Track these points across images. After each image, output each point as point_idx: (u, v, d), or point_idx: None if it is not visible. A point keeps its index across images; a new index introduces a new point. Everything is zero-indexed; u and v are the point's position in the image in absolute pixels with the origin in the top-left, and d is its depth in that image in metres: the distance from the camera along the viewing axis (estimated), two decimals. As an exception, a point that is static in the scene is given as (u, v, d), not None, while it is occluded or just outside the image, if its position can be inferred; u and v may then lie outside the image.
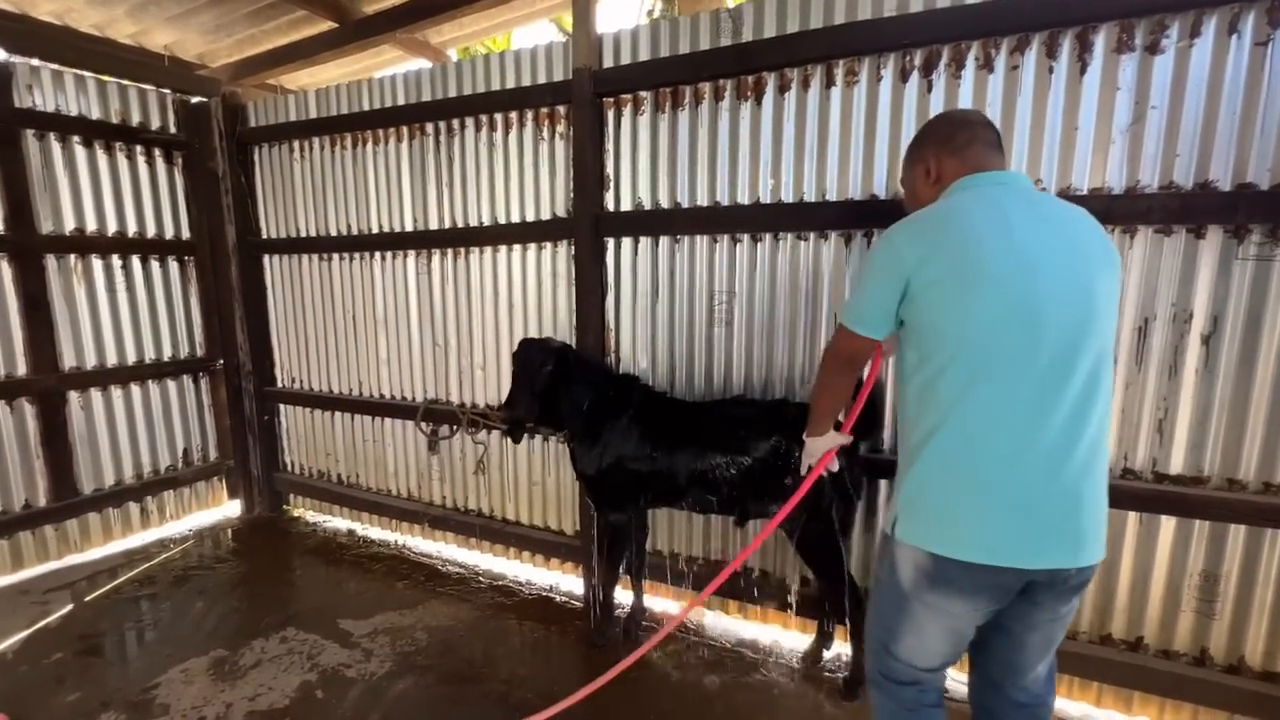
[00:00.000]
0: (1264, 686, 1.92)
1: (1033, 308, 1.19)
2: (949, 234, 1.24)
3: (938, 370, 1.25)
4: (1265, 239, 1.78)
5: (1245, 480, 1.89)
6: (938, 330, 1.25)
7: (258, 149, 3.61)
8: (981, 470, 1.22)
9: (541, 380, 2.36)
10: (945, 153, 1.40)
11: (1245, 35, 1.74)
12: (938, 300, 1.24)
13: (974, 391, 1.21)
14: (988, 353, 1.20)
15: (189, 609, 2.80)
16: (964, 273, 1.21)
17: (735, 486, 2.20)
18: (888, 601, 1.39)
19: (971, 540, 1.22)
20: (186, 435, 3.72)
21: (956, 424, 1.23)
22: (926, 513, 1.29)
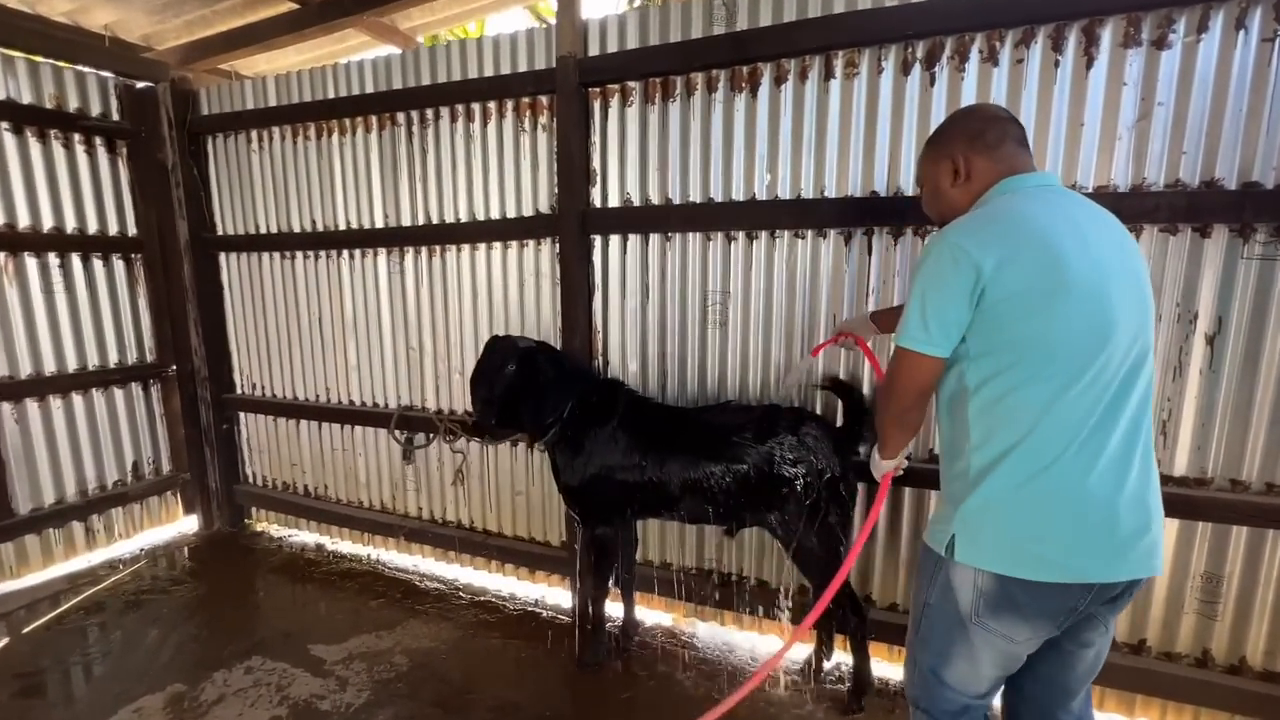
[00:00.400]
0: (1265, 687, 1.92)
1: (1109, 319, 1.14)
2: (1027, 238, 1.15)
3: (1015, 385, 1.16)
4: (1270, 238, 1.76)
5: (1248, 481, 1.88)
6: (1016, 342, 1.15)
7: (211, 139, 3.36)
8: (1056, 487, 1.15)
9: (501, 382, 2.24)
10: (975, 151, 1.31)
11: (1253, 31, 1.71)
12: (1020, 311, 1.13)
13: (1057, 406, 1.14)
14: (1072, 366, 1.14)
15: (142, 639, 2.57)
16: (1048, 281, 1.12)
17: (730, 496, 2.11)
18: (940, 627, 1.29)
19: (1043, 559, 1.15)
20: (136, 447, 3.45)
21: (1038, 441, 1.15)
22: (992, 533, 1.20)
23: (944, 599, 1.27)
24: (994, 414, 1.20)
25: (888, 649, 2.35)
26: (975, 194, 1.31)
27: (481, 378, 2.31)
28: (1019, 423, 1.16)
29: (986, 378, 1.20)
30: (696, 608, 2.64)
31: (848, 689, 2.18)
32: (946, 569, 1.26)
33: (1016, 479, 1.17)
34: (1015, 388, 1.16)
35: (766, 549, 2.47)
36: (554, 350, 2.40)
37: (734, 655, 2.46)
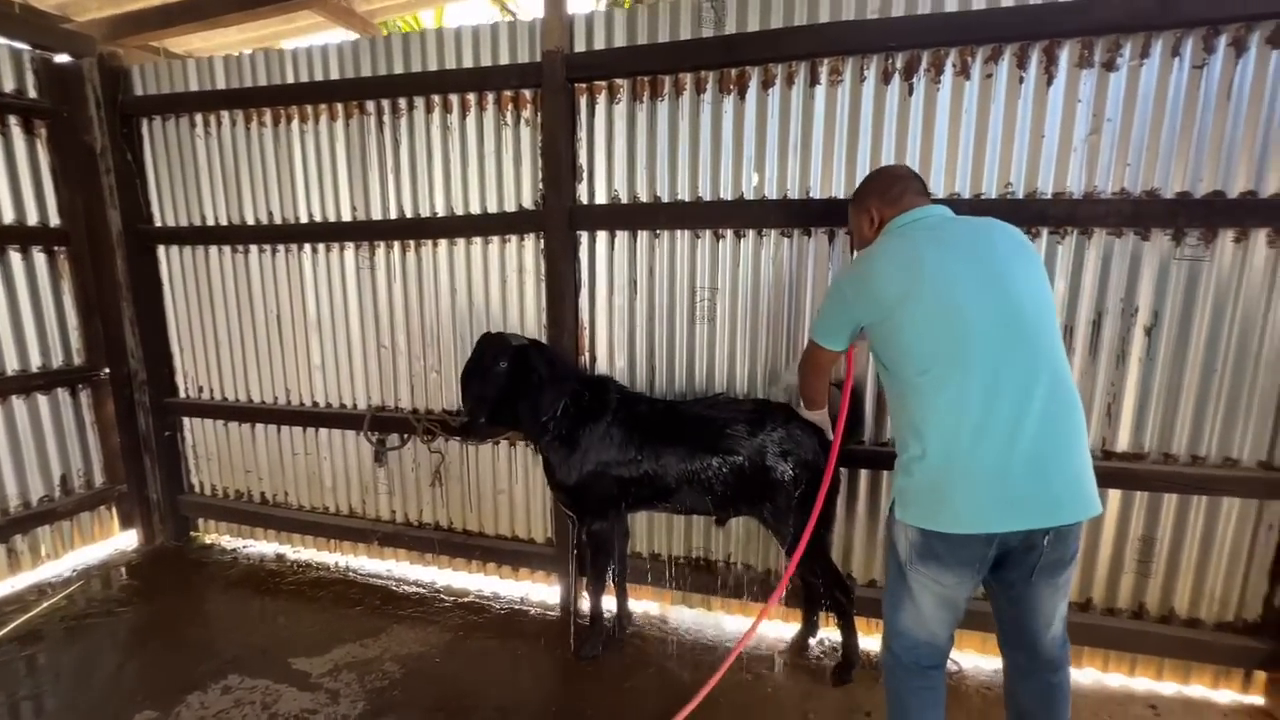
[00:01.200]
0: (1189, 632, 2.20)
1: (958, 313, 1.41)
2: (878, 282, 1.52)
3: (906, 380, 1.49)
4: (1198, 241, 2.01)
5: (1177, 454, 2.14)
6: (894, 350, 1.51)
7: (147, 121, 3.09)
8: (954, 455, 1.40)
9: (494, 381, 2.24)
10: (884, 204, 1.68)
11: (1185, 58, 1.94)
12: (893, 330, 1.50)
13: (930, 391, 1.43)
14: (934, 358, 1.43)
15: (95, 666, 2.37)
16: (907, 307, 1.45)
17: (725, 486, 2.19)
18: (893, 577, 1.58)
19: (952, 515, 1.40)
20: (65, 459, 3.15)
21: (929, 420, 1.44)
22: (917, 495, 1.46)
23: (892, 552, 1.57)
24: (903, 401, 1.52)
25: (867, 623, 2.51)
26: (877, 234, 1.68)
27: (474, 376, 2.28)
28: (911, 407, 1.48)
29: (893, 378, 1.55)
30: (685, 595, 2.72)
31: (837, 662, 2.32)
32: (893, 527, 1.55)
33: (924, 452, 1.44)
34: (906, 384, 1.49)
35: (752, 536, 2.58)
36: (545, 347, 2.40)
37: (727, 639, 2.55)
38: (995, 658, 2.35)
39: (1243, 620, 2.18)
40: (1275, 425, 2.05)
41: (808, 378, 1.95)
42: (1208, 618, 2.20)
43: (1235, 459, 2.10)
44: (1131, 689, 2.26)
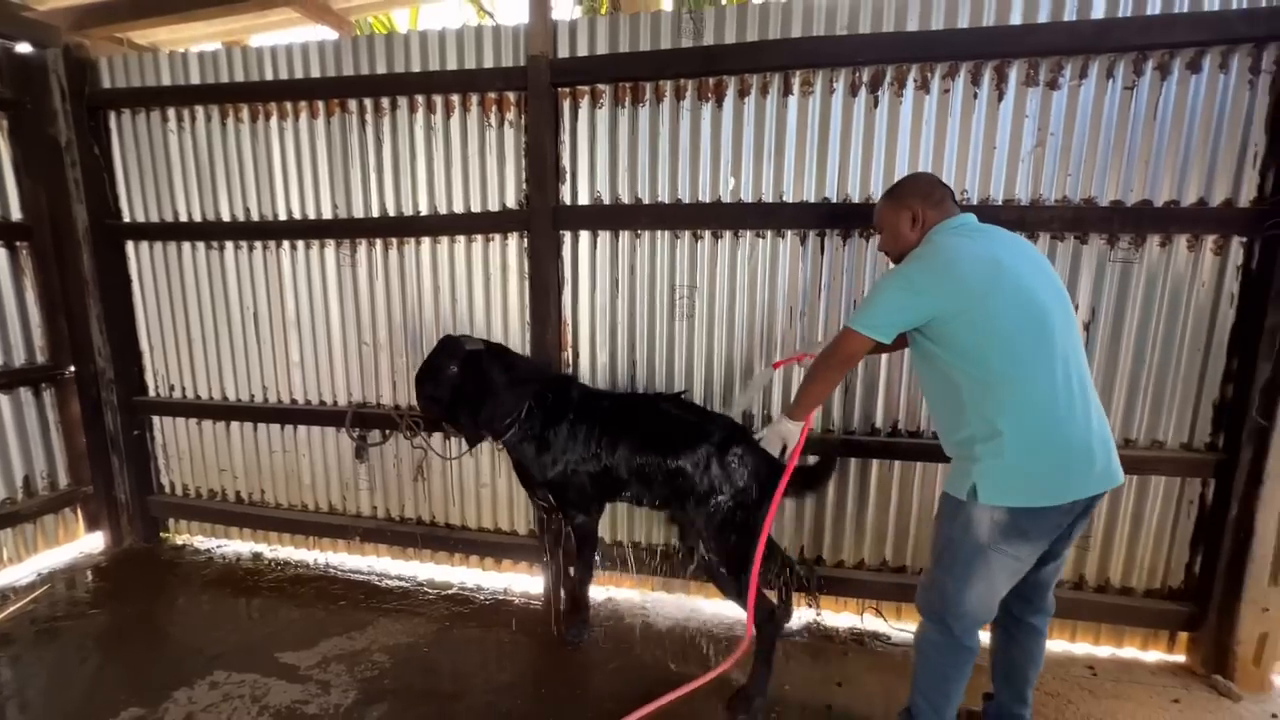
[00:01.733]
0: (1122, 599, 2.43)
1: (1042, 310, 1.56)
2: (956, 275, 1.58)
3: (993, 370, 1.55)
4: (1129, 246, 2.22)
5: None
6: (980, 340, 1.56)
7: (116, 115, 3.03)
8: (1047, 435, 1.54)
9: (445, 382, 2.29)
10: (928, 205, 1.74)
11: (1118, 80, 2.15)
12: (969, 322, 1.56)
13: (1022, 380, 1.54)
14: (1027, 350, 1.54)
15: (72, 667, 2.35)
16: (979, 300, 1.55)
17: (665, 484, 2.20)
18: (964, 560, 1.63)
19: (1040, 490, 1.54)
20: (27, 460, 3.06)
21: (1022, 405, 1.54)
22: (1007, 476, 1.56)
23: (964, 533, 1.61)
24: (984, 391, 1.58)
25: (835, 601, 2.68)
26: (922, 234, 1.74)
27: (426, 376, 2.34)
28: (1000, 396, 1.55)
29: (963, 369, 1.60)
30: (666, 581, 2.83)
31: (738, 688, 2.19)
32: (968, 509, 1.60)
33: (1016, 439, 1.54)
34: (987, 372, 1.56)
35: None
36: (506, 351, 2.44)
37: (700, 620, 2.67)
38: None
39: (1168, 587, 2.42)
40: (1195, 411, 2.29)
41: (830, 373, 1.79)
42: (1138, 586, 2.43)
43: (1161, 441, 2.33)
44: (1072, 653, 2.48)
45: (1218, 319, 2.22)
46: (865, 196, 2.37)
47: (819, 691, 2.23)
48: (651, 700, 2.07)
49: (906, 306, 1.62)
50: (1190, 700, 2.20)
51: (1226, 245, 2.17)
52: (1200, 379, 2.27)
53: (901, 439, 2.49)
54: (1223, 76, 2.09)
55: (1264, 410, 2.13)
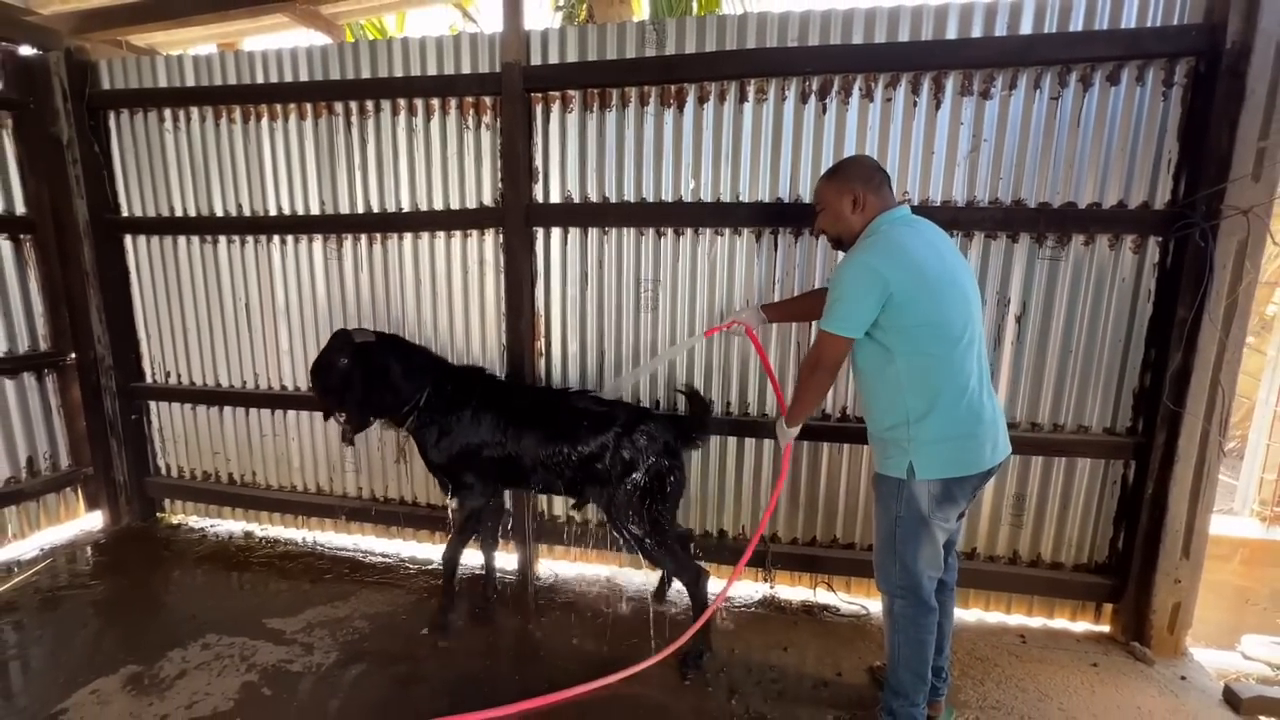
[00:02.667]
0: (1053, 573, 2.61)
1: (968, 301, 1.76)
2: (908, 261, 1.70)
3: (925, 354, 1.73)
4: (1055, 244, 2.40)
5: (1042, 423, 2.54)
6: (919, 326, 1.71)
7: (115, 115, 3.19)
8: (970, 410, 1.75)
9: (337, 374, 2.35)
10: (869, 190, 1.84)
11: (1045, 91, 2.33)
12: (912, 306, 1.70)
13: (953, 363, 1.73)
14: (954, 336, 1.73)
15: (74, 631, 2.52)
16: (928, 287, 1.71)
17: (576, 471, 2.34)
18: (908, 532, 1.80)
19: (971, 459, 1.75)
20: (30, 441, 3.23)
21: (949, 387, 1.73)
22: (938, 451, 1.75)
23: (909, 509, 1.79)
24: (916, 375, 1.74)
25: (791, 576, 2.86)
26: (866, 220, 1.84)
27: (319, 370, 2.40)
28: (935, 378, 1.73)
29: (905, 352, 1.74)
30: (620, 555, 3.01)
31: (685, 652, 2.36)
32: (910, 487, 1.77)
33: (944, 416, 1.73)
34: (926, 355, 1.73)
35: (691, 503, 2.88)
36: (402, 343, 2.54)
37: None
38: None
39: (1095, 562, 2.60)
40: (1116, 397, 2.47)
41: (819, 379, 1.88)
42: (1067, 561, 2.62)
43: (1087, 426, 2.51)
44: (1006, 623, 2.66)
45: (1137, 312, 2.40)
46: (815, 197, 2.55)
47: (765, 655, 2.41)
48: (615, 669, 2.23)
49: (872, 293, 1.69)
50: (1107, 664, 2.39)
51: (1144, 244, 2.35)
52: (1122, 368, 2.45)
53: (850, 423, 2.67)
54: (1139, 89, 2.27)
55: (1175, 397, 2.31)
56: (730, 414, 2.77)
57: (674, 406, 2.80)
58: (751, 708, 2.12)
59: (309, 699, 2.14)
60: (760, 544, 2.78)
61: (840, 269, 1.77)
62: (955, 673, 2.31)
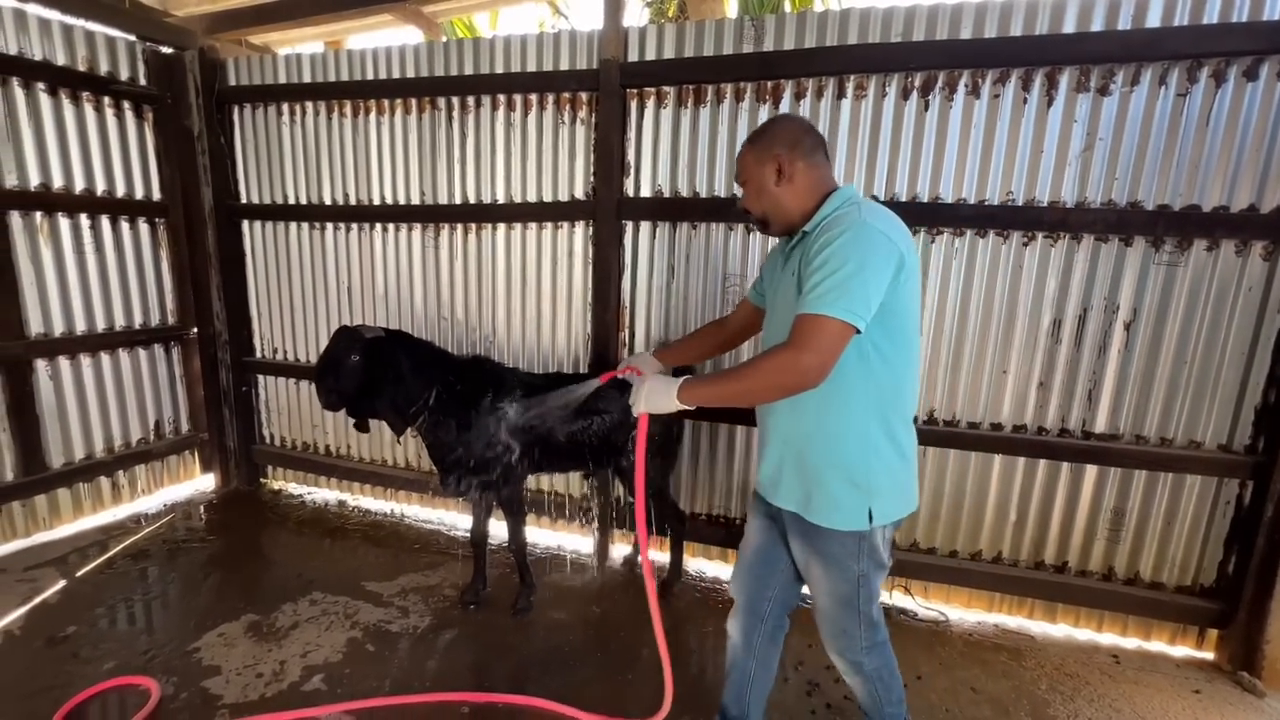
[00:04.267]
0: (1152, 593, 2.50)
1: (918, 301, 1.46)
2: (902, 232, 1.38)
3: (903, 354, 1.40)
4: (1174, 249, 2.28)
5: (1148, 436, 2.43)
6: (907, 316, 1.38)
7: (239, 108, 3.46)
8: (909, 440, 1.48)
9: (350, 373, 2.21)
10: (795, 155, 1.43)
11: (1171, 87, 2.21)
12: (911, 290, 1.37)
13: (911, 384, 1.46)
14: (914, 339, 1.43)
15: (198, 580, 2.78)
16: (914, 267, 1.38)
17: (592, 447, 2.53)
18: (873, 586, 1.48)
19: (911, 494, 1.51)
20: (158, 406, 3.56)
21: (912, 403, 1.48)
22: (893, 493, 1.44)
23: (873, 561, 1.46)
24: (896, 385, 1.41)
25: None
26: (800, 195, 1.45)
27: (327, 369, 2.24)
28: (909, 389, 1.45)
29: (892, 348, 1.38)
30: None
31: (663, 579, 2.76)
32: (870, 539, 1.43)
33: (908, 438, 1.46)
34: (904, 356, 1.41)
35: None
36: (408, 338, 2.45)
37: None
38: (977, 611, 2.69)
39: (1200, 585, 2.47)
40: (1235, 413, 2.33)
41: (796, 383, 1.31)
42: (1169, 581, 2.49)
43: (1199, 442, 2.38)
44: (1098, 642, 2.56)
45: (1264, 324, 2.26)
46: (912, 195, 2.51)
47: (843, 653, 2.41)
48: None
49: (888, 267, 1.30)
50: (1211, 692, 2.27)
51: (1276, 251, 2.20)
52: (1243, 382, 2.31)
53: (937, 427, 2.62)
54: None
55: (1304, 415, 2.17)
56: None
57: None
58: (831, 704, 2.14)
59: (408, 659, 2.29)
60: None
61: (842, 239, 1.29)
62: (1042, 687, 2.25)
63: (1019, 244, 2.42)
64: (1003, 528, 2.64)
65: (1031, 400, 2.52)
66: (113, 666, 2.19)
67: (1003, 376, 2.53)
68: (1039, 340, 2.47)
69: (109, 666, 2.19)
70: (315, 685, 2.13)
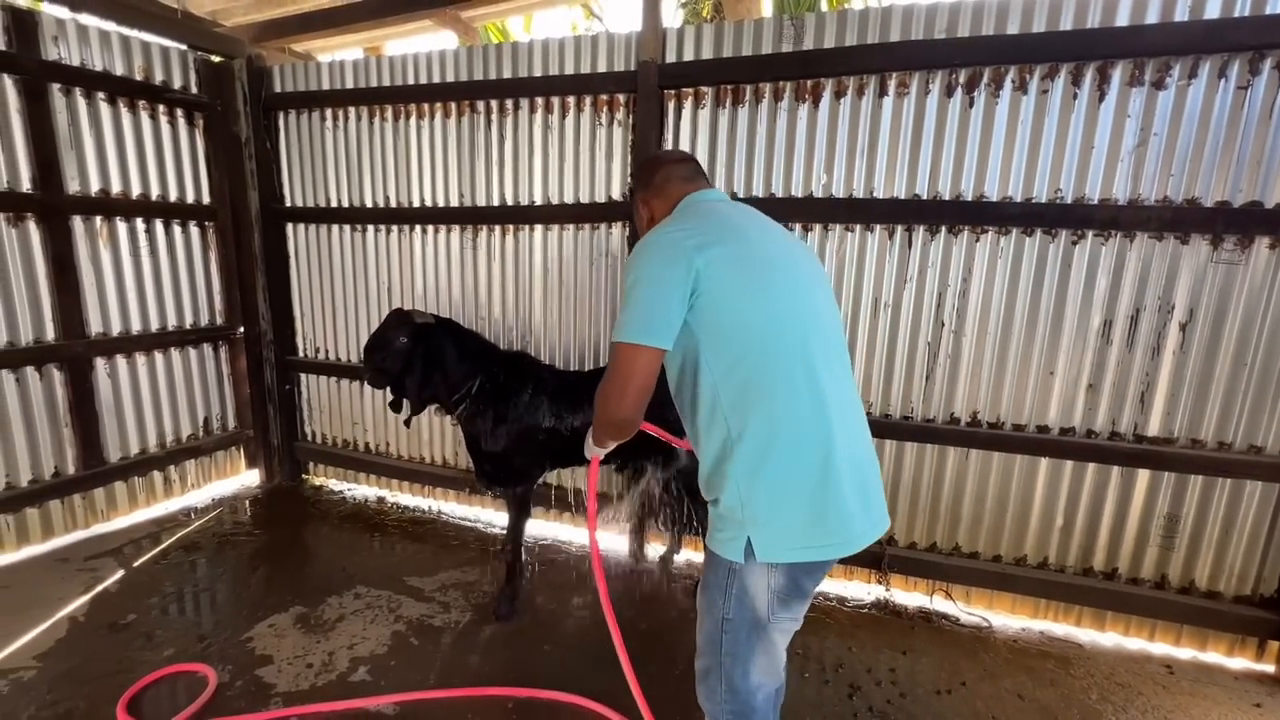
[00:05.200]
0: (1207, 603, 2.42)
1: (810, 296, 1.25)
2: (714, 223, 1.24)
3: (751, 370, 1.17)
4: (1234, 247, 2.21)
5: (1205, 440, 2.35)
6: (739, 325, 1.18)
7: (283, 115, 3.55)
8: (813, 464, 1.17)
9: (395, 354, 2.29)
10: (650, 195, 1.43)
11: (1231, 79, 2.14)
12: (733, 296, 1.18)
13: (786, 386, 1.17)
14: (789, 346, 1.19)
15: (247, 571, 2.87)
16: (748, 259, 1.20)
17: None
18: (742, 635, 1.25)
19: (827, 537, 1.18)
20: (207, 404, 3.68)
21: (783, 423, 1.17)
22: (784, 525, 1.18)
23: (740, 607, 1.23)
24: (740, 401, 1.18)
25: (905, 581, 2.80)
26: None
27: (376, 347, 2.35)
28: (759, 408, 1.17)
29: (728, 368, 1.18)
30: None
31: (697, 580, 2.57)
32: (740, 575, 1.21)
33: (782, 465, 1.16)
34: (752, 372, 1.17)
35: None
36: (457, 328, 2.53)
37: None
38: (1021, 617, 2.64)
39: (1260, 595, 2.38)
40: (1299, 417, 2.24)
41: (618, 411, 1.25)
42: (1226, 590, 2.41)
43: (1260, 446, 2.30)
44: (1149, 652, 2.49)
45: (1331, 324, 2.17)
46: (955, 194, 2.47)
47: (883, 657, 2.38)
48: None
49: (675, 273, 1.19)
50: (1274, 707, 2.19)
51: (1344, 249, 2.12)
52: (1308, 385, 2.22)
53: (980, 429, 2.58)
54: (1350, 75, 2.04)
55: (1375, 419, 2.08)
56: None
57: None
58: (874, 707, 2.12)
59: (451, 652, 2.33)
60: (877, 546, 2.76)
61: (630, 256, 1.25)
62: (1093, 696, 2.20)
63: (1068, 243, 2.37)
64: (1049, 533, 2.58)
65: (1080, 402, 2.46)
66: (171, 654, 2.27)
67: (1049, 378, 2.48)
68: (1088, 341, 2.41)
69: (168, 654, 2.27)
70: (362, 677, 2.19)
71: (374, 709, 2.03)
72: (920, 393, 2.64)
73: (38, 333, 2.92)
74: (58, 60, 2.87)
